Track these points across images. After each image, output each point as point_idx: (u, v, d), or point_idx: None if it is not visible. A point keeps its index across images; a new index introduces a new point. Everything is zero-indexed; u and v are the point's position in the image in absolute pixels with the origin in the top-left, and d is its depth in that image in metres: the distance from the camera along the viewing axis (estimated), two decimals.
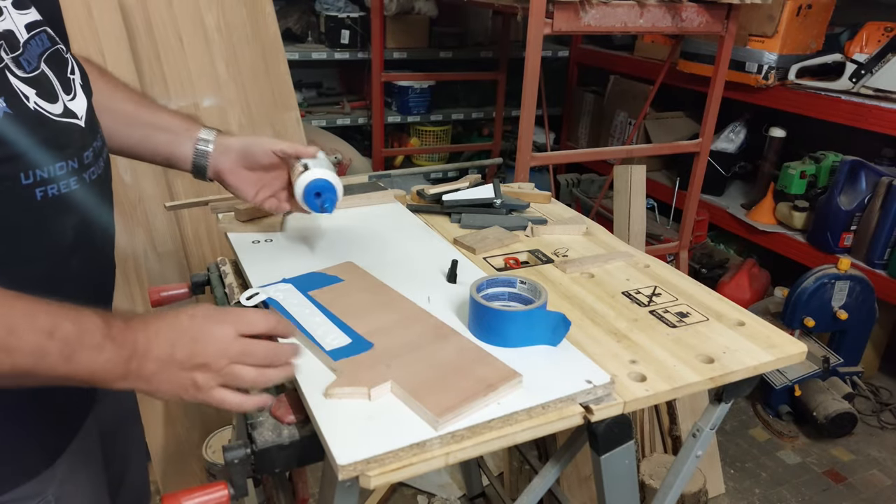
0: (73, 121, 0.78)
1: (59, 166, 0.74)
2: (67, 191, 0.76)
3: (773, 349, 0.88)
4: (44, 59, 0.76)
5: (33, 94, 0.72)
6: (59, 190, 0.74)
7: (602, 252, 1.15)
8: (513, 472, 1.95)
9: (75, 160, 0.77)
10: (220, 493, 0.72)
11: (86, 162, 0.79)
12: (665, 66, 2.67)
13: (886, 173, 2.46)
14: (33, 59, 0.74)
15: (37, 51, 0.75)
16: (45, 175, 0.72)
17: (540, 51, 1.80)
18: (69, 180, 0.76)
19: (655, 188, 3.21)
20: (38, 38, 0.76)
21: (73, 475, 0.85)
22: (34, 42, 0.75)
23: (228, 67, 1.95)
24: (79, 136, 0.78)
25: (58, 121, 0.75)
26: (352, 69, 3.63)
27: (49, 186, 0.73)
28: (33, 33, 0.75)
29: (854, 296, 2.37)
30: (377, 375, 0.74)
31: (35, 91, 0.72)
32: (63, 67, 0.79)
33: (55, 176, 0.74)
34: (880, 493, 2.11)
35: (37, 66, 0.74)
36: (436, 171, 3.51)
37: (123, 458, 1.06)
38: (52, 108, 0.75)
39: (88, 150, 0.80)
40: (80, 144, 0.79)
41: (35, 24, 0.76)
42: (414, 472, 0.66)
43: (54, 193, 0.74)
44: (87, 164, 0.79)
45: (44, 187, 0.73)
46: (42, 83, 0.74)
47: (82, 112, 0.80)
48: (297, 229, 1.18)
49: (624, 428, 0.81)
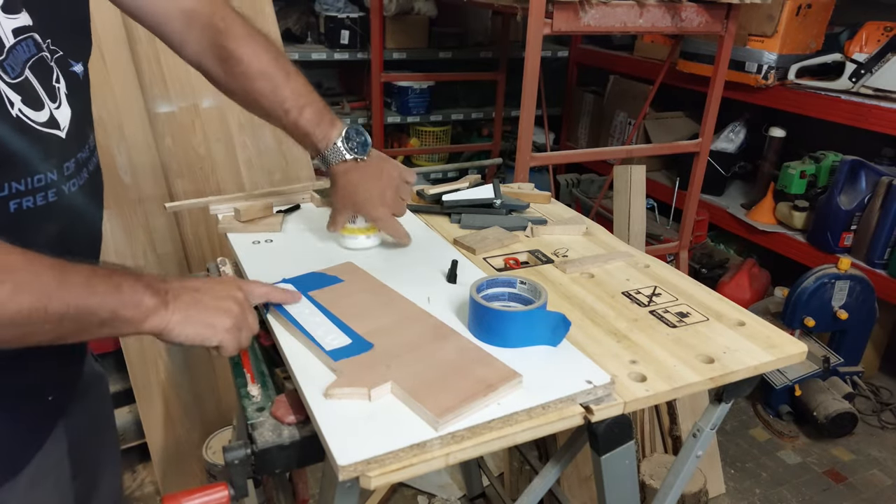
0: (55, 131, 0.75)
1: (37, 178, 0.72)
2: (45, 203, 0.73)
3: (773, 349, 0.88)
4: (28, 66, 0.73)
5: (18, 100, 0.70)
6: (34, 203, 0.72)
7: (602, 252, 1.14)
8: (513, 473, 1.95)
9: (55, 171, 0.75)
10: (221, 494, 0.72)
11: (67, 173, 0.77)
12: (665, 66, 2.68)
13: (886, 173, 2.46)
14: (17, 66, 0.71)
15: (22, 57, 0.72)
16: (21, 187, 0.70)
17: (539, 51, 1.80)
18: (48, 192, 0.74)
19: (655, 188, 3.21)
20: (25, 44, 0.73)
21: (38, 488, 0.83)
22: (20, 48, 0.72)
23: None
24: (58, 147, 0.76)
25: (40, 130, 0.73)
26: (351, 69, 3.63)
27: (24, 199, 0.71)
28: (19, 38, 0.72)
29: (854, 296, 2.37)
30: (377, 376, 0.74)
31: (20, 97, 0.70)
32: (48, 75, 0.76)
33: (33, 188, 0.72)
34: (881, 492, 2.11)
35: (20, 72, 0.71)
36: (435, 172, 3.51)
37: (93, 470, 1.03)
38: (37, 117, 0.72)
39: (70, 161, 0.78)
40: (62, 155, 0.76)
41: (23, 30, 0.73)
42: (414, 472, 0.66)
43: (30, 206, 0.72)
44: (68, 175, 0.77)
45: (19, 200, 0.70)
46: (27, 90, 0.72)
47: (66, 122, 0.77)
48: (296, 230, 1.18)
49: (624, 428, 0.81)
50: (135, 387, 1.84)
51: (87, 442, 0.99)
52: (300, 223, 1.21)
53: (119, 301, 0.68)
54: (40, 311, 0.62)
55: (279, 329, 0.87)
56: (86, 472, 0.99)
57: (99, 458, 1.05)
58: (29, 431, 0.82)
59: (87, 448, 0.99)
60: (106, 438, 1.09)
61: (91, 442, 1.01)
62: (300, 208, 1.27)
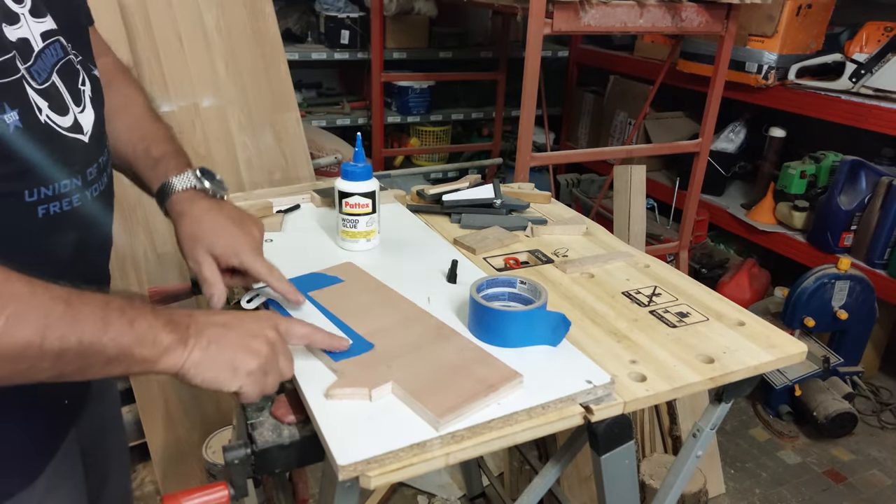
0: (79, 136, 0.75)
1: (63, 183, 0.72)
2: (70, 208, 0.74)
3: (773, 349, 0.88)
4: (56, 70, 0.73)
5: (45, 106, 0.70)
6: (61, 207, 0.72)
7: (602, 252, 1.14)
8: (513, 473, 1.95)
9: (79, 177, 0.75)
10: (221, 494, 0.72)
11: (90, 178, 0.77)
12: (665, 66, 2.67)
13: (886, 173, 2.45)
14: (45, 70, 0.71)
15: (50, 61, 0.72)
16: (49, 192, 0.70)
17: (540, 51, 1.80)
18: (72, 197, 0.74)
19: (655, 188, 3.21)
20: (52, 47, 0.73)
21: (53, 494, 0.83)
22: (48, 52, 0.72)
23: (228, 68, 1.95)
24: (83, 151, 0.76)
25: (66, 135, 0.73)
26: (352, 69, 3.63)
27: (52, 204, 0.71)
28: (47, 42, 0.72)
29: (854, 296, 2.37)
30: (378, 376, 0.74)
31: (47, 104, 0.70)
32: (74, 78, 0.77)
33: (59, 193, 0.72)
34: (880, 493, 2.11)
35: (48, 76, 0.71)
36: (436, 172, 3.51)
37: (104, 472, 1.03)
38: (62, 122, 0.72)
39: (93, 166, 0.78)
40: (85, 160, 0.77)
41: (50, 33, 0.73)
42: (414, 472, 0.66)
43: (56, 211, 0.72)
44: (90, 180, 0.77)
45: (46, 205, 0.70)
46: (53, 95, 0.72)
47: (89, 126, 0.78)
48: (296, 230, 1.18)
49: (624, 428, 0.81)
50: (135, 387, 1.85)
51: (98, 444, 0.99)
52: (300, 223, 1.21)
53: (133, 337, 0.62)
54: (34, 346, 0.56)
55: None
56: (97, 475, 1.00)
57: (108, 462, 1.05)
58: (45, 437, 0.82)
59: (99, 451, 0.99)
60: (115, 440, 1.10)
61: (102, 444, 1.01)
62: (300, 208, 1.27)
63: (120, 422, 1.13)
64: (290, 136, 2.07)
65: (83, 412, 0.91)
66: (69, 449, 0.87)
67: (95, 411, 0.96)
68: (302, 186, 1.34)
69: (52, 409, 0.82)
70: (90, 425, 0.94)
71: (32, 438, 0.79)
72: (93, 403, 0.94)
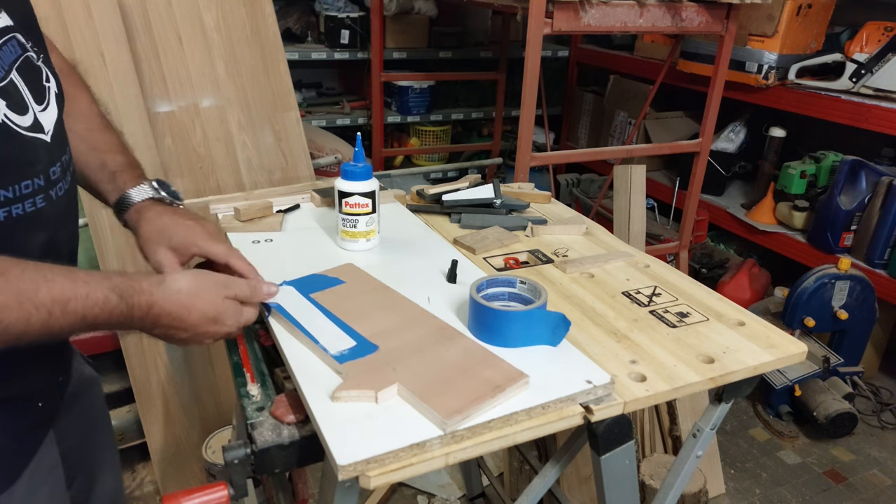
0: (39, 135, 0.73)
1: (24, 185, 0.70)
2: (33, 210, 0.71)
3: (773, 349, 0.88)
4: (15, 68, 0.71)
5: (3, 105, 0.67)
6: (23, 209, 0.70)
7: (602, 252, 1.14)
8: (513, 473, 1.95)
9: (42, 177, 0.73)
10: (220, 494, 0.72)
11: (53, 178, 0.75)
12: (665, 65, 2.67)
13: (886, 173, 2.45)
14: (2, 68, 0.68)
15: (7, 59, 0.70)
16: (9, 195, 0.68)
17: (540, 51, 1.80)
18: (35, 199, 0.72)
19: (655, 188, 3.21)
20: (9, 45, 0.71)
21: (34, 495, 0.82)
22: (5, 49, 0.70)
23: (228, 67, 1.95)
24: (45, 151, 0.74)
25: (25, 135, 0.70)
26: (351, 69, 3.63)
27: (14, 206, 0.69)
28: (4, 39, 0.70)
29: (854, 296, 2.37)
30: (384, 378, 0.74)
31: (5, 102, 0.67)
32: (37, 75, 0.74)
33: (21, 195, 0.70)
34: (880, 493, 2.11)
35: (5, 74, 0.69)
36: (436, 171, 3.51)
37: (90, 472, 1.02)
38: (21, 121, 0.70)
39: (56, 166, 0.76)
40: (47, 160, 0.74)
41: (6, 30, 0.71)
42: (414, 472, 0.66)
43: (19, 213, 0.70)
44: (54, 180, 0.75)
45: (8, 207, 0.68)
46: (11, 94, 0.69)
47: (50, 125, 0.75)
48: (296, 229, 1.18)
49: (624, 428, 0.81)
50: (135, 386, 1.84)
51: (82, 445, 0.98)
52: (300, 223, 1.21)
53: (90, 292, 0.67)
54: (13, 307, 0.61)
55: (280, 330, 0.86)
56: (83, 476, 0.99)
57: (95, 461, 1.03)
58: (22, 439, 0.81)
59: (83, 451, 0.98)
60: (102, 440, 1.08)
61: (87, 445, 1.00)
62: (300, 208, 1.27)
63: (106, 419, 1.12)
64: (290, 135, 2.07)
65: (62, 413, 0.90)
66: (49, 449, 0.86)
67: (77, 411, 0.95)
68: (302, 186, 1.34)
69: (24, 411, 0.81)
70: (71, 425, 0.93)
71: (10, 440, 0.78)
72: (74, 403, 0.93)
